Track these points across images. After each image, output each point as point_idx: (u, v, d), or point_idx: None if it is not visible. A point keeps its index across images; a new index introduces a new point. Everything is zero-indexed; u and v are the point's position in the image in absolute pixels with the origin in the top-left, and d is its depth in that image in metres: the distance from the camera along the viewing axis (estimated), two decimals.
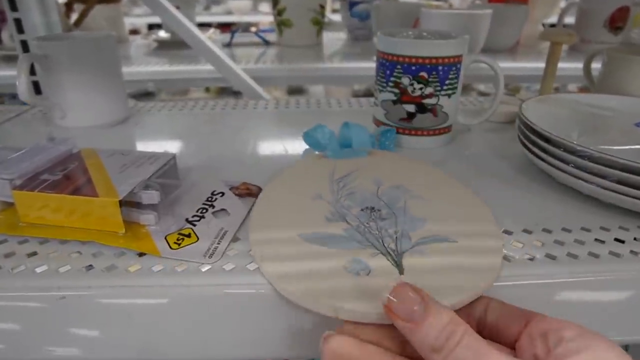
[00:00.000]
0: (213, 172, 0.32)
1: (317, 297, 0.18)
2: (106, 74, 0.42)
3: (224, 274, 0.21)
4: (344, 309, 0.18)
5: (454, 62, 0.35)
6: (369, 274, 0.19)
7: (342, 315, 0.18)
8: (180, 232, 0.24)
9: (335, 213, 0.24)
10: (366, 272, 0.19)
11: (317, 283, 0.19)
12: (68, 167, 0.27)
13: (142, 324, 0.20)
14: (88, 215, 0.23)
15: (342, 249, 0.21)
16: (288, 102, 0.50)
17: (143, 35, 0.99)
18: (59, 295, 0.20)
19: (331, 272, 0.19)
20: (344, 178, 0.28)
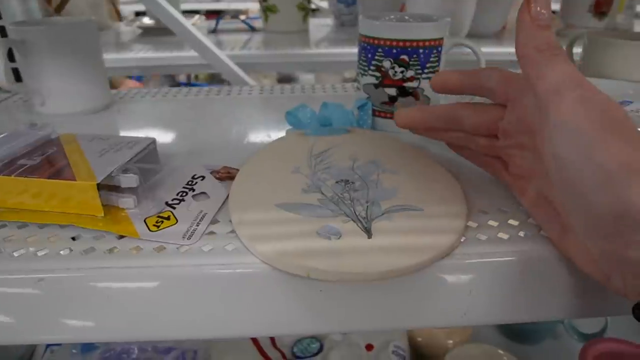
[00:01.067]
0: (195, 157, 0.32)
1: (289, 258, 0.19)
2: (86, 60, 0.41)
3: (202, 255, 0.21)
4: (315, 269, 0.19)
5: (434, 45, 0.35)
6: (339, 238, 0.20)
7: (313, 275, 0.19)
8: (159, 215, 0.24)
9: (312, 185, 0.25)
10: (337, 237, 0.21)
11: (290, 245, 0.20)
12: (46, 152, 0.27)
13: (120, 305, 0.21)
14: (67, 199, 0.23)
15: (315, 217, 0.22)
16: (273, 88, 0.50)
17: (127, 21, 0.97)
18: (36, 278, 0.20)
19: (303, 236, 0.21)
20: (322, 154, 0.29)
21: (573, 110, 0.17)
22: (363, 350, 0.49)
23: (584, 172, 0.16)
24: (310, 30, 0.86)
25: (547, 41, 0.19)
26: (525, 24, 0.19)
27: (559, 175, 0.18)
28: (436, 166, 0.28)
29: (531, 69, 0.19)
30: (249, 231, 0.21)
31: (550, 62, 0.18)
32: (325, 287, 0.20)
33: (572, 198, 0.17)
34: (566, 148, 0.17)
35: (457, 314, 0.21)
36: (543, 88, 0.18)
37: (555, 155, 0.17)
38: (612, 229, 0.16)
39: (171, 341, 0.48)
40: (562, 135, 0.17)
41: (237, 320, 0.21)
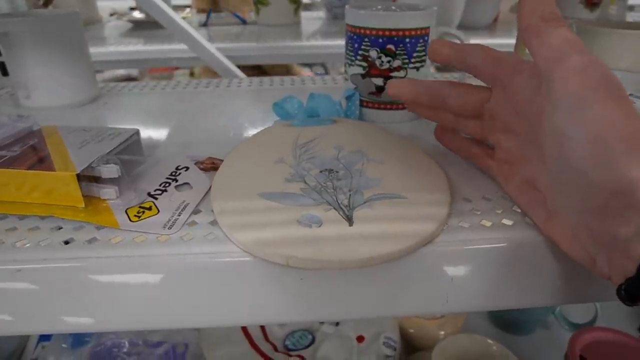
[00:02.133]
0: (181, 148, 0.32)
1: (268, 247, 0.19)
2: (71, 52, 0.41)
3: (182, 244, 0.21)
4: (295, 257, 0.19)
5: (421, 34, 0.35)
6: (320, 226, 0.20)
7: (293, 263, 0.19)
8: (141, 206, 0.24)
9: (295, 174, 0.25)
10: (318, 225, 0.20)
11: (270, 234, 0.20)
12: (27, 144, 0.26)
13: (99, 295, 0.20)
14: (47, 190, 0.23)
15: (297, 206, 0.22)
16: (262, 81, 0.50)
17: (118, 15, 0.96)
18: (14, 269, 0.20)
19: (284, 225, 0.20)
20: (307, 144, 0.29)
21: (578, 79, 0.17)
22: (354, 342, 0.49)
23: (585, 146, 0.16)
24: (302, 23, 0.86)
25: (553, 11, 0.19)
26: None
27: (558, 150, 0.17)
28: (422, 155, 0.28)
29: (535, 38, 0.19)
30: (229, 220, 0.21)
31: (556, 30, 0.18)
32: (306, 275, 0.20)
33: (567, 175, 0.17)
34: (569, 120, 0.16)
35: (439, 301, 0.21)
36: (546, 55, 0.18)
37: (556, 128, 0.17)
38: (606, 206, 0.16)
39: (162, 335, 0.48)
40: (566, 105, 0.17)
41: (218, 309, 0.21)
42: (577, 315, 0.59)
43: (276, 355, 0.49)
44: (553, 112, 0.17)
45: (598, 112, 0.16)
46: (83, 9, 0.84)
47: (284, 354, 0.49)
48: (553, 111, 0.17)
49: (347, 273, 0.20)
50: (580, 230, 0.18)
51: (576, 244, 0.19)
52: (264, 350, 0.49)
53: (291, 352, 0.49)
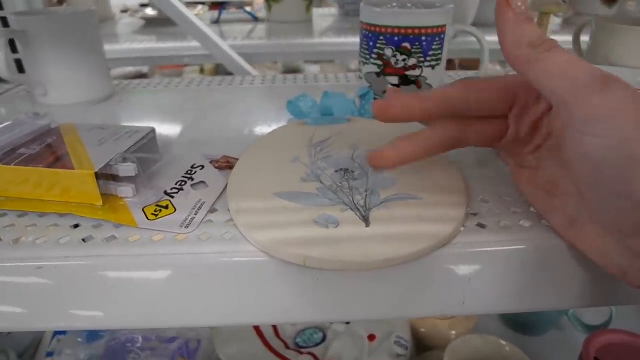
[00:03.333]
0: (195, 146, 0.32)
1: (285, 247, 0.19)
2: (87, 50, 0.41)
3: (199, 243, 0.21)
4: (312, 257, 0.19)
5: (437, 32, 0.34)
6: (337, 226, 0.20)
7: (310, 263, 0.19)
8: (158, 204, 0.24)
9: (311, 174, 0.25)
10: (335, 225, 0.20)
11: (287, 234, 0.20)
12: (46, 142, 0.27)
13: (117, 293, 0.21)
14: (66, 188, 0.24)
15: (314, 206, 0.22)
16: (275, 78, 0.50)
17: (131, 12, 0.97)
18: (35, 266, 0.20)
19: (301, 225, 0.20)
20: (322, 143, 0.29)
21: (599, 102, 0.15)
22: (365, 341, 0.49)
23: (623, 169, 0.15)
24: (314, 20, 0.85)
25: (539, 35, 0.17)
26: (509, 22, 0.18)
27: (593, 176, 0.16)
28: (438, 155, 0.28)
29: (531, 70, 0.17)
30: (246, 220, 0.21)
31: (552, 56, 0.17)
32: (322, 276, 0.20)
33: (605, 197, 0.16)
34: (600, 147, 0.15)
35: (455, 303, 0.21)
36: (553, 85, 0.17)
37: (588, 156, 0.16)
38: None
39: (175, 331, 0.49)
40: (594, 132, 0.15)
41: (234, 308, 0.21)
42: (591, 317, 0.58)
43: (287, 353, 0.49)
44: (581, 138, 0.16)
45: (629, 133, 0.15)
46: (96, 6, 0.85)
47: (295, 351, 0.50)
48: (581, 137, 0.16)
49: (363, 274, 0.20)
50: (613, 245, 0.17)
51: (605, 254, 0.18)
52: (275, 347, 0.49)
53: (302, 349, 0.50)
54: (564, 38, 0.65)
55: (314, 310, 0.21)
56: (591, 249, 0.19)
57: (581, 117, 0.16)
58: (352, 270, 0.19)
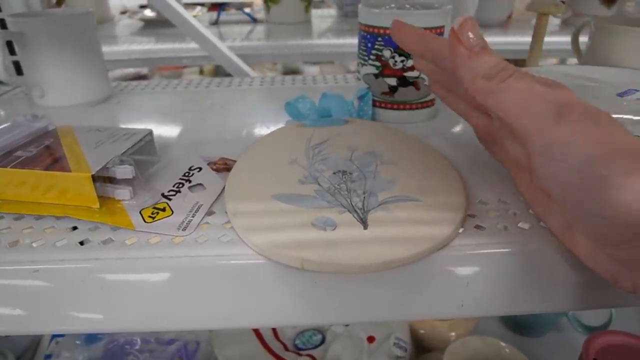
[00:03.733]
0: (193, 148, 0.32)
1: (283, 249, 0.19)
2: (85, 51, 0.41)
3: (196, 246, 0.21)
4: (310, 260, 0.19)
5: (436, 33, 0.34)
6: (334, 229, 0.20)
7: (308, 266, 0.19)
8: (155, 206, 0.24)
9: (309, 176, 0.25)
10: (332, 228, 0.20)
11: (284, 236, 0.20)
12: (43, 144, 0.27)
13: (114, 295, 0.21)
14: (63, 191, 0.23)
15: (311, 208, 0.22)
16: (273, 80, 0.50)
17: (129, 14, 0.97)
18: (31, 269, 0.20)
19: (298, 227, 0.20)
20: (320, 145, 0.29)
21: (555, 129, 0.15)
22: (365, 342, 0.49)
23: (589, 189, 0.15)
24: (312, 22, 0.85)
25: (492, 65, 0.17)
26: (462, 57, 0.18)
27: (562, 196, 0.17)
28: (436, 157, 0.28)
29: (490, 101, 0.17)
30: (243, 222, 0.21)
31: (507, 86, 0.17)
32: (319, 278, 0.20)
33: (578, 215, 0.17)
34: (564, 170, 0.16)
35: (454, 305, 0.21)
36: (511, 116, 0.17)
37: (554, 179, 0.16)
38: (623, 236, 0.15)
39: (173, 333, 0.49)
40: (556, 158, 0.16)
41: (231, 311, 0.21)
42: (591, 318, 0.58)
43: (286, 355, 0.49)
44: (545, 163, 0.16)
45: (589, 154, 0.15)
46: (95, 7, 0.85)
47: (295, 353, 0.50)
48: (545, 162, 0.16)
49: (361, 276, 0.20)
50: (600, 252, 0.18)
51: (597, 260, 0.18)
52: (275, 349, 0.49)
53: (301, 351, 0.49)
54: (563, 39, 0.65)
55: (312, 313, 0.21)
56: (584, 254, 0.19)
57: (542, 145, 0.16)
58: (350, 273, 0.19)
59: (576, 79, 0.37)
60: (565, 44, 0.64)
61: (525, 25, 0.82)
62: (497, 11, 0.77)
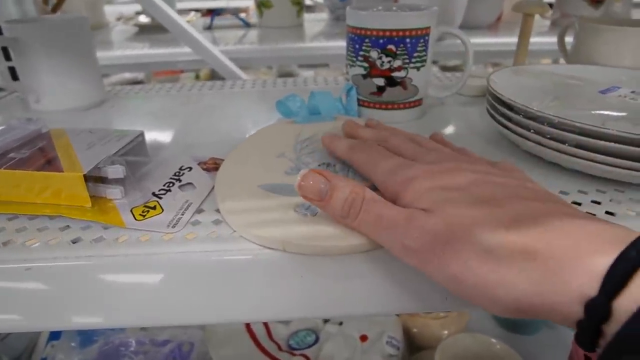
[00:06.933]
0: (184, 149, 0.32)
1: (266, 231, 0.20)
2: (80, 56, 0.41)
3: (185, 243, 0.21)
4: (291, 243, 0.20)
5: (421, 34, 0.35)
6: (315, 214, 0.21)
7: (289, 249, 0.20)
8: (145, 205, 0.24)
9: (295, 168, 0.26)
10: (313, 214, 0.21)
11: (267, 221, 0.21)
12: (36, 146, 0.27)
13: (106, 292, 0.21)
14: (56, 191, 0.24)
15: (295, 196, 0.23)
16: (265, 82, 0.50)
17: (124, 20, 0.98)
18: (24, 267, 0.21)
19: (282, 213, 0.22)
20: (308, 139, 0.30)
21: (402, 248, 0.18)
22: (358, 341, 0.49)
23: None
24: (305, 26, 0.86)
25: (340, 207, 0.19)
26: (315, 204, 0.20)
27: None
28: None
29: (359, 231, 0.20)
30: (229, 207, 0.22)
31: (359, 223, 0.19)
32: (306, 273, 0.21)
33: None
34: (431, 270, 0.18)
35: (437, 298, 0.22)
36: (376, 239, 0.19)
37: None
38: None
39: (168, 334, 0.49)
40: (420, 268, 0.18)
41: (220, 306, 0.21)
42: None
43: (280, 355, 0.49)
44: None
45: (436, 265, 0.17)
46: (90, 13, 0.85)
47: (288, 353, 0.50)
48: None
49: (346, 269, 0.21)
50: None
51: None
52: (268, 349, 0.49)
53: (295, 351, 0.50)
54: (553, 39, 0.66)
55: (299, 307, 0.21)
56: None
57: (403, 260, 0.18)
58: (330, 255, 0.20)
59: (561, 77, 0.38)
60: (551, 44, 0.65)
61: (514, 26, 0.83)
62: (486, 13, 0.78)
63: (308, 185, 0.19)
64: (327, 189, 0.19)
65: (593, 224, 0.16)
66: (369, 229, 0.19)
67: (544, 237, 0.15)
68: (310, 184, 0.19)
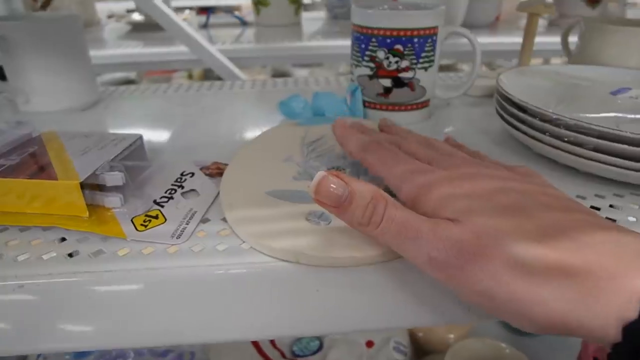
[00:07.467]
0: (184, 153, 0.31)
1: (278, 242, 0.19)
2: (70, 55, 0.40)
3: (192, 255, 0.20)
4: (305, 254, 0.18)
5: (429, 33, 0.34)
6: (329, 223, 0.20)
7: (302, 260, 0.19)
8: (147, 214, 0.23)
9: (303, 172, 0.25)
10: (327, 223, 0.20)
11: (279, 232, 0.20)
12: (27, 151, 0.26)
13: (107, 311, 0.20)
14: (49, 200, 0.22)
15: (305, 203, 0.22)
16: (265, 82, 0.49)
17: (117, 18, 0.95)
18: (16, 285, 0.19)
19: (293, 222, 0.20)
20: (314, 142, 0.29)
21: (427, 262, 0.16)
22: (363, 348, 0.48)
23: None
24: (302, 24, 0.85)
25: (361, 214, 0.17)
26: (336, 213, 0.18)
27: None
28: None
29: (379, 242, 0.18)
30: (237, 217, 0.21)
31: (381, 232, 0.17)
32: (322, 286, 0.19)
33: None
34: (452, 284, 0.17)
35: (460, 310, 0.20)
36: (397, 250, 0.18)
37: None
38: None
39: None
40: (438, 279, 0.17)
41: (230, 323, 0.20)
42: None
43: None
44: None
45: (455, 265, 0.16)
46: (81, 11, 0.83)
47: None
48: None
49: (364, 281, 0.20)
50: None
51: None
52: (272, 357, 0.48)
53: (299, 358, 0.49)
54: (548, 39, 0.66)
55: (315, 322, 0.20)
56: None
57: (429, 274, 0.17)
58: (346, 266, 0.19)
59: (568, 78, 0.37)
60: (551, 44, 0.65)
61: (512, 26, 0.83)
62: (485, 13, 0.78)
63: (325, 190, 0.17)
64: (346, 194, 0.17)
65: (628, 239, 0.15)
66: (391, 239, 0.17)
67: (580, 254, 0.15)
68: (329, 188, 0.17)
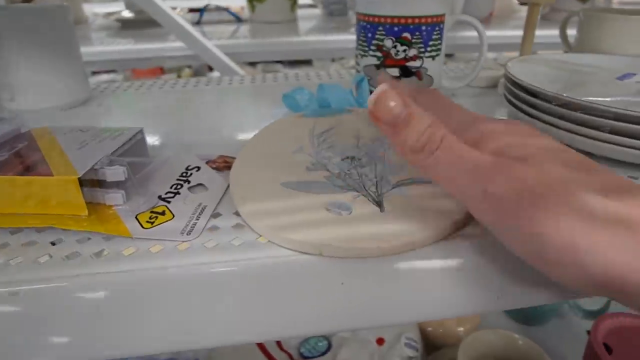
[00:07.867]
0: (187, 147, 0.29)
1: (299, 234, 0.18)
2: (59, 49, 0.37)
3: (205, 252, 0.19)
4: (329, 245, 0.17)
5: (437, 21, 0.33)
6: (350, 213, 0.19)
7: (326, 252, 0.18)
8: (152, 210, 0.21)
9: (317, 163, 0.23)
10: (348, 212, 0.19)
11: (299, 223, 0.18)
12: (16, 147, 0.24)
13: (112, 316, 0.18)
14: (44, 198, 0.21)
15: (324, 194, 0.20)
16: (265, 77, 0.47)
17: (104, 15, 0.93)
18: (9, 292, 0.17)
19: (313, 213, 0.19)
20: (324, 133, 0.27)
21: (487, 206, 0.15)
22: (374, 345, 0.47)
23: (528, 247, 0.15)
24: (298, 20, 0.84)
25: (417, 137, 0.16)
26: (387, 133, 0.17)
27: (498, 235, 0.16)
28: None
29: (426, 173, 0.17)
30: (254, 211, 0.20)
31: (436, 161, 0.16)
32: (347, 279, 0.18)
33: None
34: (512, 241, 0.16)
35: (490, 297, 0.19)
36: (445, 187, 0.17)
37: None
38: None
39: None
40: (490, 226, 0.16)
41: (253, 322, 0.19)
42: (589, 302, 0.59)
43: None
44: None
45: (514, 218, 0.15)
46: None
47: None
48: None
49: (391, 272, 0.18)
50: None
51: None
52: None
53: (307, 359, 0.47)
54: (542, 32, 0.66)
55: (343, 318, 0.19)
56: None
57: (476, 214, 0.16)
58: (372, 257, 0.18)
59: (573, 65, 0.37)
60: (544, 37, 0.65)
61: (505, 21, 0.83)
62: (479, 9, 0.78)
63: (384, 105, 0.16)
64: (405, 114, 0.16)
65: None
66: (444, 170, 0.16)
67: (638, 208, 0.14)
68: (388, 105, 0.16)
